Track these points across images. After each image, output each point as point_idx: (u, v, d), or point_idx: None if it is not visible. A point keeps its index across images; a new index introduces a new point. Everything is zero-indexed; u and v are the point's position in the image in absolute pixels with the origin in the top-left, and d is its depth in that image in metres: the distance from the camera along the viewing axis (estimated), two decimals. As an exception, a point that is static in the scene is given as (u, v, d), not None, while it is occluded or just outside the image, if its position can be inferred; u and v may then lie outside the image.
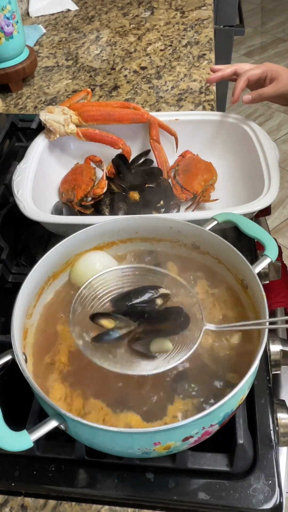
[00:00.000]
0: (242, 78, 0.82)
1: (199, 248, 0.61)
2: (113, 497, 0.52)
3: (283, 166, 2.33)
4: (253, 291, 0.54)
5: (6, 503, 0.53)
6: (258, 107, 2.69)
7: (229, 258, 0.58)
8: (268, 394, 0.57)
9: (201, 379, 0.51)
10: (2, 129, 0.96)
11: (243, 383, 0.44)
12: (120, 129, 0.86)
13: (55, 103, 1.14)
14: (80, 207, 0.79)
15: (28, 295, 0.55)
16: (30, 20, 1.49)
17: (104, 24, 1.43)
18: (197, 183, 0.82)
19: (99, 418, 0.49)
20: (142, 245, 0.65)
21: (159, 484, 0.52)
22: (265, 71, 0.81)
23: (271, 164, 0.74)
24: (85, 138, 0.85)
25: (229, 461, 0.53)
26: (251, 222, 0.60)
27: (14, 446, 0.41)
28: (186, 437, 0.44)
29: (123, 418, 0.48)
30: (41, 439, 0.47)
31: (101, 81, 1.19)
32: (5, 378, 0.62)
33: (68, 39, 1.38)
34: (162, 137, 0.87)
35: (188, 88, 1.13)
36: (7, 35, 1.08)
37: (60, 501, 0.53)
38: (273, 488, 0.51)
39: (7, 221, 0.81)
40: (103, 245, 0.64)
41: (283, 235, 2.04)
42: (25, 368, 0.46)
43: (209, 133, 0.88)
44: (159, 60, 1.25)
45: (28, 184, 0.75)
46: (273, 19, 3.53)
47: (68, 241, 0.59)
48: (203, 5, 1.47)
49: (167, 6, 1.49)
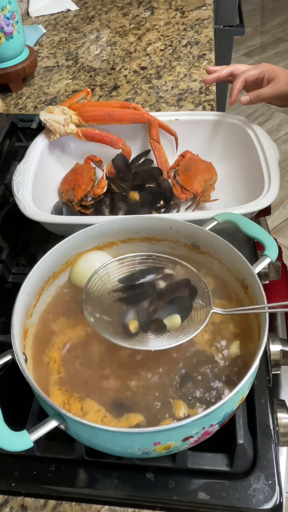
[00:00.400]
0: (240, 79, 0.81)
1: (199, 248, 0.61)
2: (113, 497, 0.52)
3: (283, 166, 2.33)
4: (253, 291, 0.54)
5: (6, 503, 0.53)
6: (258, 107, 2.69)
7: (229, 258, 0.58)
8: (268, 394, 0.57)
9: (201, 379, 0.51)
10: (2, 129, 0.96)
11: (243, 383, 0.44)
12: (120, 129, 0.86)
13: (55, 103, 1.14)
14: (80, 207, 0.79)
15: (28, 295, 0.55)
16: (30, 20, 1.49)
17: (104, 24, 1.43)
18: (197, 183, 0.82)
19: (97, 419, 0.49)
20: (142, 245, 0.65)
21: (159, 484, 0.52)
22: (262, 71, 0.81)
23: (271, 164, 0.74)
24: (85, 138, 0.85)
25: (229, 461, 0.53)
26: (251, 222, 0.60)
27: (14, 446, 0.41)
28: (186, 437, 0.44)
29: (124, 419, 0.49)
30: (41, 439, 0.47)
31: (101, 81, 1.19)
32: (5, 378, 0.62)
33: (68, 39, 1.38)
34: (162, 137, 0.87)
35: (188, 88, 1.13)
36: (7, 35, 1.08)
37: (60, 501, 0.53)
38: (273, 488, 0.51)
39: (7, 221, 0.81)
40: (103, 245, 0.64)
41: (283, 235, 2.04)
42: (25, 368, 0.46)
43: (209, 133, 0.88)
44: (159, 60, 1.25)
45: (28, 184, 0.75)
46: (273, 19, 3.53)
47: (68, 241, 0.59)
48: (203, 5, 1.47)
49: (167, 6, 1.49)
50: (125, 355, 0.53)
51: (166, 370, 0.52)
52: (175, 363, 0.53)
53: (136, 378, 0.51)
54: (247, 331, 0.54)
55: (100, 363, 0.53)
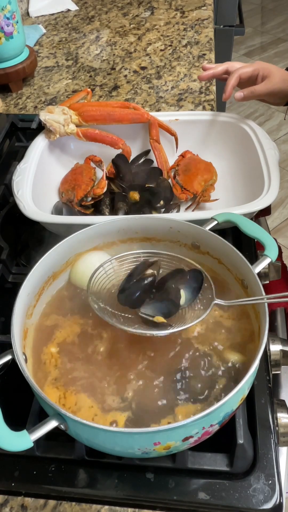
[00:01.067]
0: (234, 75, 0.82)
1: (199, 248, 0.61)
2: (113, 497, 0.52)
3: (283, 166, 2.33)
4: (253, 291, 0.54)
5: (6, 503, 0.53)
6: (258, 107, 2.69)
7: (229, 258, 0.58)
8: (268, 394, 0.57)
9: (201, 379, 0.51)
10: (2, 129, 0.96)
11: (243, 383, 0.44)
12: (120, 129, 0.86)
13: (55, 103, 1.14)
14: (80, 207, 0.79)
15: (28, 295, 0.55)
16: (30, 20, 1.49)
17: (104, 24, 1.43)
18: (197, 183, 0.82)
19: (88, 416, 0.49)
20: (142, 245, 0.65)
21: (159, 484, 0.52)
22: (256, 69, 0.82)
23: (271, 164, 0.74)
24: (85, 138, 0.85)
25: (229, 461, 0.53)
26: (251, 222, 0.60)
27: (14, 446, 0.41)
28: (186, 437, 0.44)
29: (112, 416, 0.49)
30: (41, 439, 0.47)
31: (101, 81, 1.19)
32: (5, 378, 0.62)
33: (68, 39, 1.38)
34: (162, 137, 0.87)
35: (188, 88, 1.13)
36: (7, 35, 1.08)
37: (60, 501, 0.53)
38: (273, 488, 0.51)
39: (7, 221, 0.81)
40: (103, 245, 0.64)
41: (283, 235, 2.04)
42: (25, 368, 0.46)
43: (209, 133, 0.88)
44: (159, 60, 1.25)
45: (28, 184, 0.75)
46: (273, 19, 3.53)
47: (68, 241, 0.59)
48: (203, 5, 1.47)
49: (167, 6, 1.49)
50: (122, 353, 0.54)
51: (165, 370, 0.52)
52: (173, 362, 0.53)
53: (134, 377, 0.51)
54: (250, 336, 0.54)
55: (98, 362, 0.53)
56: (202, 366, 0.52)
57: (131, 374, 0.52)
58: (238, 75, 0.82)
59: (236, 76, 0.82)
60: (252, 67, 0.82)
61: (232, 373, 0.52)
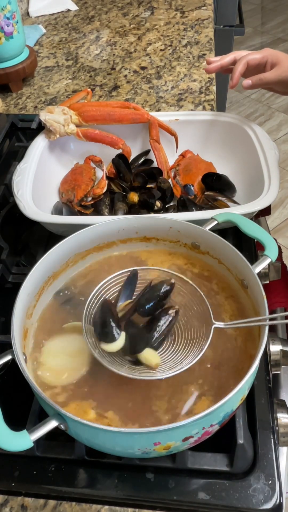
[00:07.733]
0: (242, 62, 0.78)
1: (199, 248, 0.61)
2: (113, 497, 0.52)
3: (283, 166, 2.33)
4: (253, 291, 0.54)
5: (6, 503, 0.53)
6: (258, 107, 2.70)
7: (229, 258, 0.58)
8: (268, 394, 0.57)
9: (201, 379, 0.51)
10: (2, 129, 0.96)
11: (243, 383, 0.44)
12: (120, 129, 0.86)
13: (55, 103, 1.13)
14: (80, 207, 0.79)
15: (28, 295, 0.55)
16: (30, 20, 1.49)
17: (104, 24, 1.43)
18: (197, 183, 0.82)
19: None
20: (142, 245, 0.65)
21: (159, 484, 0.52)
22: (265, 56, 0.79)
23: (271, 164, 0.74)
24: (85, 138, 0.85)
25: (229, 461, 0.53)
26: (251, 222, 0.60)
27: (14, 446, 0.41)
28: (186, 437, 0.44)
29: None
30: (41, 439, 0.47)
31: (101, 81, 1.19)
32: (5, 378, 0.62)
33: (68, 39, 1.38)
34: (162, 137, 0.87)
35: (188, 88, 1.13)
36: (7, 35, 1.08)
37: (60, 501, 0.53)
38: (273, 488, 0.51)
39: (7, 221, 0.81)
40: (103, 245, 0.64)
41: (283, 235, 2.04)
42: (25, 368, 0.46)
43: (209, 133, 0.88)
44: (159, 60, 1.25)
45: (28, 184, 0.75)
46: (273, 19, 3.53)
47: (68, 241, 0.59)
48: (203, 5, 1.47)
49: (167, 6, 1.49)
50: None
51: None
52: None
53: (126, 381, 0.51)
54: (249, 331, 0.54)
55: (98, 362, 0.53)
56: (202, 366, 0.52)
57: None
58: (246, 61, 0.78)
59: (244, 62, 0.78)
60: (261, 54, 0.79)
61: (232, 373, 0.51)
